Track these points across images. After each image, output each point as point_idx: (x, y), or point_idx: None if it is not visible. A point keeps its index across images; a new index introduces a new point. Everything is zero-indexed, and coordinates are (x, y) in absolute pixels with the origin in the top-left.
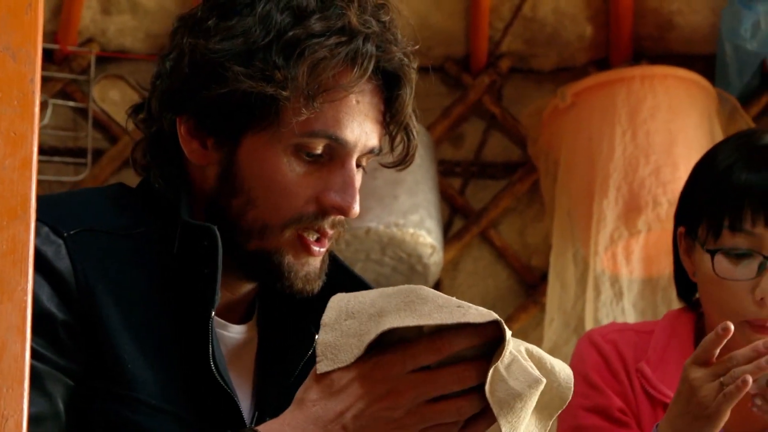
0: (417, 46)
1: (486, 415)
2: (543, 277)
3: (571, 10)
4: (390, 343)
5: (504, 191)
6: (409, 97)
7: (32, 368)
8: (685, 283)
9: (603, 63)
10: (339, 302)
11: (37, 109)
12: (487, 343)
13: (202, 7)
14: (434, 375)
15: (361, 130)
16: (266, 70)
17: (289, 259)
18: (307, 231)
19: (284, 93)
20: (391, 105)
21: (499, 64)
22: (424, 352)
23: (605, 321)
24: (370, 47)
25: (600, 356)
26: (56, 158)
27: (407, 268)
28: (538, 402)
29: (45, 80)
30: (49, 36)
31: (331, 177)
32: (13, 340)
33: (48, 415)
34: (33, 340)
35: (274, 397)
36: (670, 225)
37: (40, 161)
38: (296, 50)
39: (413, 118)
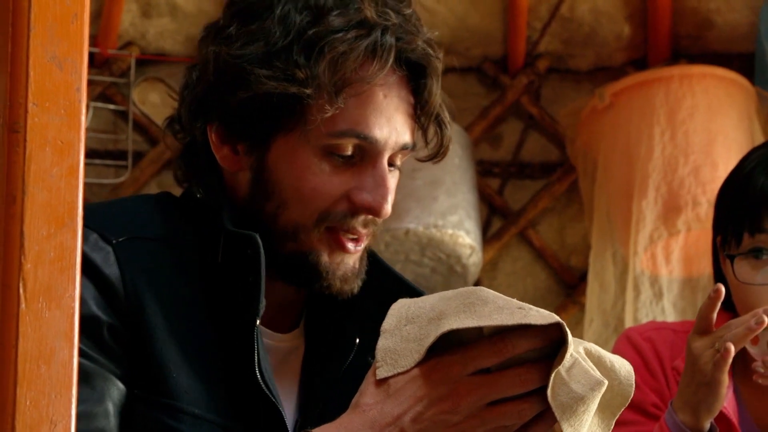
0: (437, 33)
1: (546, 416)
2: (582, 277)
3: (608, 10)
4: (450, 346)
5: (542, 191)
6: (435, 85)
7: (81, 367)
8: (723, 284)
9: (641, 63)
10: (399, 308)
11: (83, 118)
12: (547, 346)
13: (224, 15)
14: (495, 378)
15: (391, 127)
16: (288, 70)
17: (324, 258)
18: (339, 231)
19: (307, 91)
20: (419, 96)
21: (536, 64)
22: (484, 354)
23: (645, 321)
24: (389, 38)
25: (637, 354)
26: (97, 161)
27: (446, 268)
28: (599, 401)
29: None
30: (90, 40)
31: (362, 177)
32: (61, 346)
33: (98, 412)
34: (81, 341)
35: (317, 404)
36: (709, 225)
37: None
38: (316, 48)
39: (444, 108)
